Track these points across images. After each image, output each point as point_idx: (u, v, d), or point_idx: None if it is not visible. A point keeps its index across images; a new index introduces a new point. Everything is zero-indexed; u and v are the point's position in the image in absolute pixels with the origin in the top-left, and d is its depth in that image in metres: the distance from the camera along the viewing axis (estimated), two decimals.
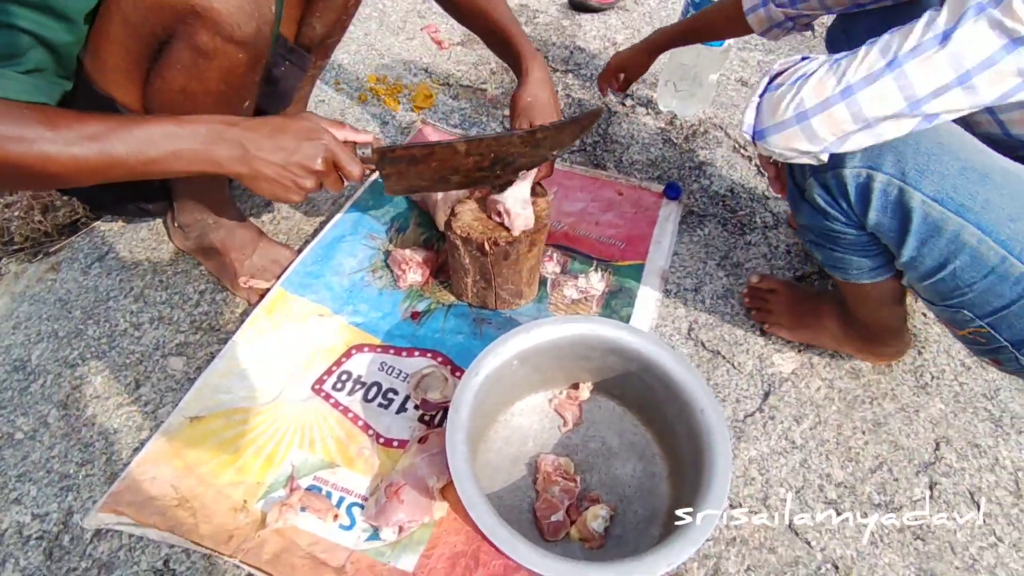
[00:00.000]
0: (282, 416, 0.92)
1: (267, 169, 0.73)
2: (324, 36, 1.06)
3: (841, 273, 0.86)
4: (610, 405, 0.92)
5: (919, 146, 0.68)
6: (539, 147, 0.89)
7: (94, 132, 0.65)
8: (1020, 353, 0.76)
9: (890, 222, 0.73)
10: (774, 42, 1.81)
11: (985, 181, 0.68)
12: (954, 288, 0.74)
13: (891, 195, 0.70)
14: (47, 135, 0.62)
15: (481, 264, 0.96)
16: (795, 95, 0.67)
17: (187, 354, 1.00)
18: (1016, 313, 0.72)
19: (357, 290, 1.08)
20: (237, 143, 0.71)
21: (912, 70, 0.60)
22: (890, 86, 0.61)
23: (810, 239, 0.85)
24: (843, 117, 0.64)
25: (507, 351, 0.80)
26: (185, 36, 0.72)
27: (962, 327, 0.79)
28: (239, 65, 0.77)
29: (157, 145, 0.67)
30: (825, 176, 0.73)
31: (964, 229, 0.69)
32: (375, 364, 0.98)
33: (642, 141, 1.47)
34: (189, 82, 0.75)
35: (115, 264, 1.13)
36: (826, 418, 0.99)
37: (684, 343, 1.07)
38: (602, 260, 1.16)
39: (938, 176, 0.68)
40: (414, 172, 0.88)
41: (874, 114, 0.63)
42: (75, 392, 0.95)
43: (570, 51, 1.79)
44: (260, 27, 0.75)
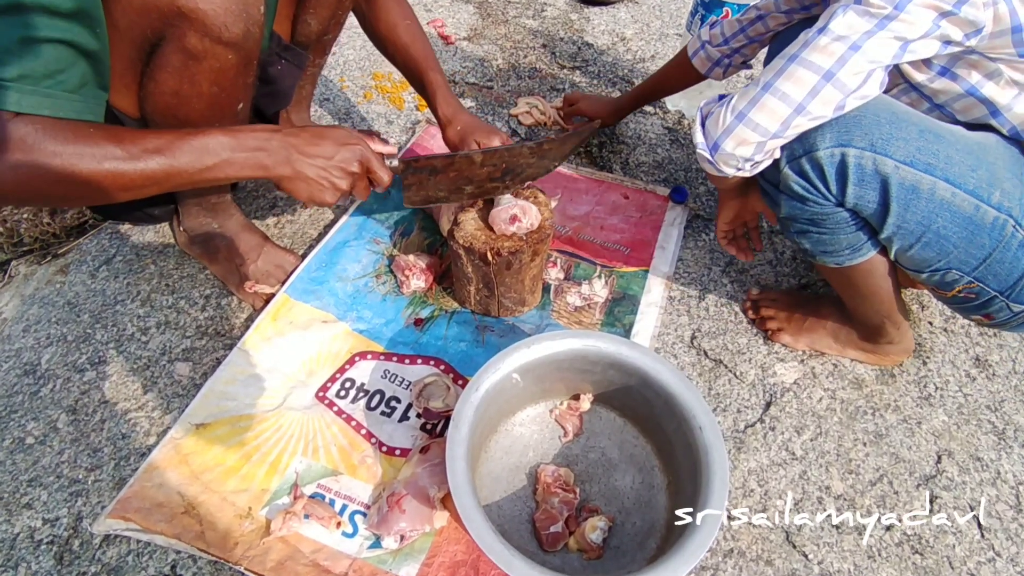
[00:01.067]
0: (286, 423, 0.93)
1: (309, 171, 0.79)
2: (320, 33, 1.06)
3: (832, 257, 0.88)
4: (611, 416, 0.92)
5: (878, 117, 0.75)
6: (545, 158, 0.93)
7: (156, 146, 0.71)
8: (1010, 300, 0.82)
9: (870, 193, 0.77)
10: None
11: (941, 140, 0.75)
12: (939, 248, 0.78)
13: (866, 167, 0.75)
14: (115, 151, 0.68)
15: (484, 273, 0.97)
16: (728, 106, 0.78)
17: (193, 359, 1.02)
18: (998, 259, 0.78)
19: (361, 296, 1.09)
20: (281, 148, 0.78)
21: (811, 56, 0.72)
22: (799, 71, 0.72)
23: (795, 229, 0.87)
24: (774, 104, 0.74)
25: (507, 366, 0.80)
26: (174, 39, 0.72)
27: (951, 288, 0.84)
28: (230, 67, 0.77)
29: (212, 153, 0.73)
30: (800, 162, 0.78)
31: (937, 185, 0.75)
32: (378, 372, 0.99)
33: (649, 142, 1.45)
34: (181, 84, 0.76)
35: (123, 267, 1.14)
36: (827, 429, 0.99)
37: (687, 352, 1.07)
38: (606, 266, 1.16)
39: (903, 141, 0.74)
40: (433, 183, 0.92)
41: (799, 95, 0.72)
42: (84, 397, 0.96)
43: (578, 47, 1.77)
44: (249, 28, 0.75)
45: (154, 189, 0.73)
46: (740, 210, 1.00)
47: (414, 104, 1.53)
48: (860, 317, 1.00)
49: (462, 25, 1.83)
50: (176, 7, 0.69)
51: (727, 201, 1.00)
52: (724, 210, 1.01)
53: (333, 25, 1.07)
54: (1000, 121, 0.78)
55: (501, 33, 1.81)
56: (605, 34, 1.84)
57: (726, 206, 1.01)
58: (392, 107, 1.52)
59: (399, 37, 1.07)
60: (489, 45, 1.75)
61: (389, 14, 1.08)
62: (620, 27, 1.87)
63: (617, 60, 1.73)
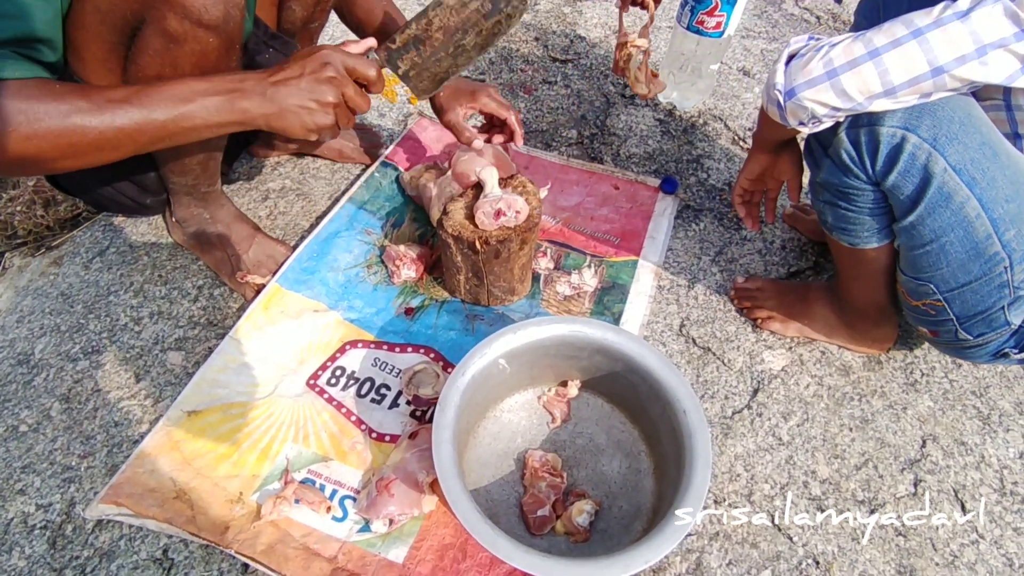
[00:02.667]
0: (277, 411, 0.94)
1: (288, 98, 0.73)
2: (305, 20, 1.06)
3: (848, 237, 0.88)
4: (598, 402, 0.93)
5: (953, 114, 0.72)
6: None
7: (123, 96, 0.67)
8: (961, 327, 0.84)
9: (909, 185, 0.75)
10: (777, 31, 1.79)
11: (996, 159, 0.73)
12: (936, 262, 0.79)
13: (919, 159, 0.73)
14: (81, 104, 0.65)
15: (473, 262, 0.97)
16: (824, 55, 0.71)
17: (186, 349, 1.03)
18: (973, 290, 0.79)
19: (352, 286, 1.10)
20: (255, 86, 0.73)
21: (934, 38, 0.66)
22: (915, 50, 0.67)
23: (825, 199, 0.87)
24: (871, 76, 0.69)
25: (494, 351, 0.81)
26: (154, 21, 0.72)
27: (919, 298, 0.85)
28: (211, 50, 0.77)
29: (185, 100, 0.69)
30: (859, 132, 0.76)
31: (968, 203, 0.73)
32: (368, 360, 1.00)
33: (640, 133, 1.46)
34: (163, 68, 0.76)
35: (116, 259, 1.15)
36: (814, 415, 1.00)
37: (675, 339, 1.08)
38: (596, 256, 1.17)
39: (963, 146, 0.72)
40: (430, 56, 0.83)
41: (899, 78, 0.68)
42: (77, 386, 0.97)
43: (570, 40, 1.77)
44: (229, 11, 0.75)
45: (128, 146, 0.69)
46: (767, 169, 0.96)
47: (406, 97, 1.54)
48: (852, 299, 1.01)
49: None
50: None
51: (757, 155, 0.96)
52: (751, 164, 0.97)
53: (319, 12, 1.07)
54: None
55: None
56: (598, 27, 1.84)
57: (755, 160, 0.96)
58: (384, 100, 1.52)
59: (375, 20, 1.06)
60: None
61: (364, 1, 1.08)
62: (613, 20, 1.88)
63: (609, 53, 1.73)
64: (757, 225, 1.06)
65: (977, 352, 0.89)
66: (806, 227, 1.25)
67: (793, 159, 0.94)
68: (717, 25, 1.35)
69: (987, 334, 0.85)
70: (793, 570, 0.84)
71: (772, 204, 1.02)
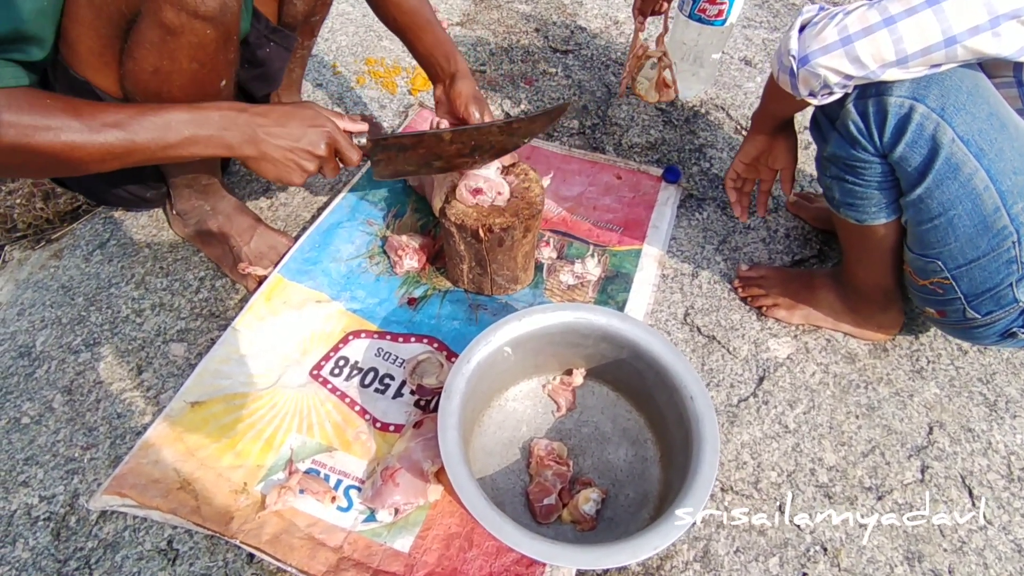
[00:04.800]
0: (281, 401, 0.94)
1: (274, 152, 0.79)
2: (306, 14, 1.05)
3: (856, 213, 0.87)
4: (603, 390, 0.93)
5: (961, 84, 0.71)
6: (514, 136, 0.93)
7: (116, 119, 0.70)
8: (969, 305, 0.83)
9: (916, 156, 0.75)
10: (779, 21, 1.78)
11: (1004, 130, 0.72)
12: (944, 236, 0.79)
13: (927, 129, 0.73)
14: (73, 124, 0.67)
15: (476, 251, 0.97)
16: (839, 23, 0.70)
17: (188, 340, 1.02)
18: (982, 266, 0.78)
19: (354, 276, 1.09)
20: (247, 127, 0.77)
21: (949, 7, 0.65)
22: (929, 19, 0.66)
23: (832, 173, 0.86)
24: (885, 44, 0.68)
25: (498, 339, 0.81)
26: (150, 13, 0.72)
27: (927, 276, 0.84)
28: (208, 42, 0.76)
29: (174, 130, 0.73)
30: (866, 103, 0.75)
31: (976, 174, 0.73)
32: (372, 350, 1.00)
33: (642, 123, 1.45)
34: (160, 61, 0.75)
35: (116, 251, 1.14)
36: (820, 403, 0.99)
37: (680, 328, 1.07)
38: (599, 245, 1.16)
39: (970, 116, 0.71)
40: (402, 159, 0.93)
41: (913, 47, 0.67)
42: (79, 378, 0.97)
43: (571, 30, 1.77)
44: (225, 2, 0.74)
45: (115, 163, 0.72)
46: (763, 152, 0.95)
47: (406, 88, 1.53)
48: (858, 283, 1.00)
49: (455, 11, 1.82)
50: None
51: (755, 136, 0.95)
52: (747, 145, 0.96)
53: (320, 6, 1.07)
54: None
55: (494, 18, 1.80)
56: (598, 18, 1.84)
57: (752, 141, 0.95)
58: (385, 91, 1.52)
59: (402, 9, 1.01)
60: (482, 30, 1.75)
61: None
62: (613, 11, 1.87)
63: (610, 43, 1.72)
64: (746, 215, 1.05)
65: (985, 332, 0.88)
66: (810, 215, 1.24)
67: (789, 146, 0.94)
68: (719, 13, 1.34)
69: (995, 312, 0.84)
70: (800, 557, 0.84)
71: (765, 196, 1.02)
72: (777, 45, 0.79)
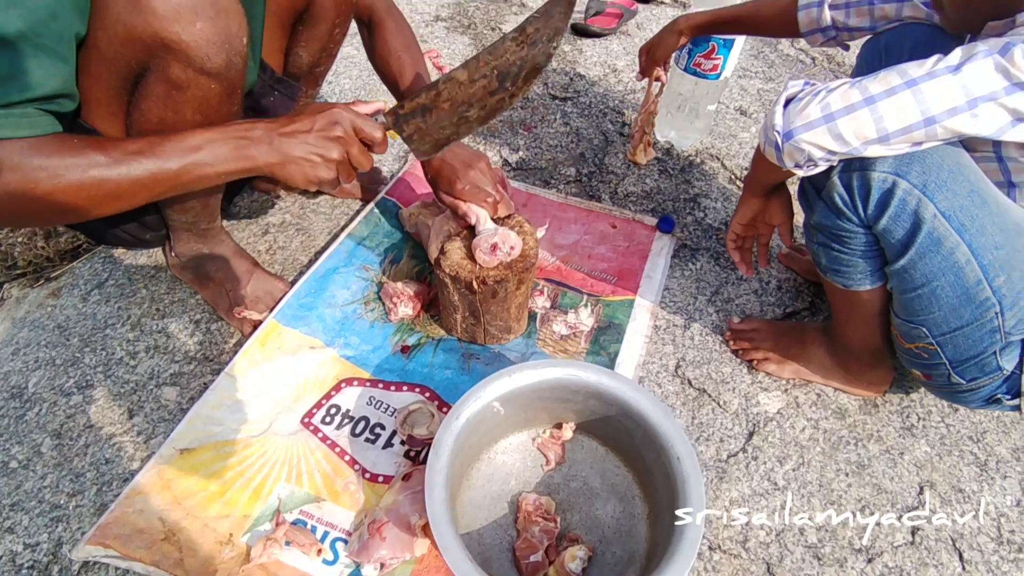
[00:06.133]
0: (271, 449, 0.94)
1: (295, 150, 0.76)
2: (312, 65, 1.09)
3: (842, 279, 0.89)
4: (593, 445, 0.93)
5: (943, 162, 0.74)
6: (536, 43, 0.83)
7: (138, 148, 0.70)
8: (954, 371, 0.84)
9: (900, 229, 0.77)
10: (774, 71, 1.82)
11: (984, 207, 0.74)
12: (928, 305, 0.80)
13: (909, 204, 0.75)
14: (99, 158, 0.68)
15: (470, 301, 0.98)
16: (822, 100, 0.72)
17: (180, 384, 1.02)
18: (966, 334, 0.80)
19: (349, 323, 1.10)
20: (263, 136, 0.75)
21: (928, 89, 0.67)
22: (908, 99, 0.68)
23: (819, 241, 0.88)
24: (866, 122, 0.70)
25: (488, 394, 0.81)
26: (158, 69, 0.74)
27: (912, 341, 0.86)
28: (213, 96, 0.79)
29: (195, 149, 0.72)
30: (851, 176, 0.77)
31: (958, 248, 0.75)
32: (364, 398, 1.00)
33: (637, 172, 1.48)
34: (166, 113, 0.77)
35: (114, 291, 1.15)
36: (809, 459, 0.99)
37: (671, 381, 1.08)
38: (593, 295, 1.17)
39: (952, 193, 0.74)
40: (434, 123, 0.85)
41: (893, 126, 0.69)
42: (69, 421, 0.97)
43: (570, 78, 1.81)
44: (231, 59, 0.77)
45: (143, 195, 0.72)
46: (759, 213, 0.97)
47: None
48: (847, 341, 1.01)
49: (457, 56, 1.87)
50: (160, 39, 0.70)
51: (749, 199, 0.96)
52: (743, 208, 0.98)
53: (324, 58, 1.10)
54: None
55: None
56: (597, 65, 1.88)
57: (747, 204, 0.97)
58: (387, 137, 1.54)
59: (392, 64, 1.09)
60: None
61: (384, 45, 1.10)
62: (612, 59, 1.92)
63: (608, 91, 1.76)
64: (751, 270, 1.06)
65: (970, 397, 0.89)
66: (802, 267, 1.26)
67: (783, 203, 0.95)
68: (714, 67, 1.38)
69: (980, 379, 0.85)
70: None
71: (764, 249, 1.03)
72: (764, 118, 0.81)
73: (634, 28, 2.10)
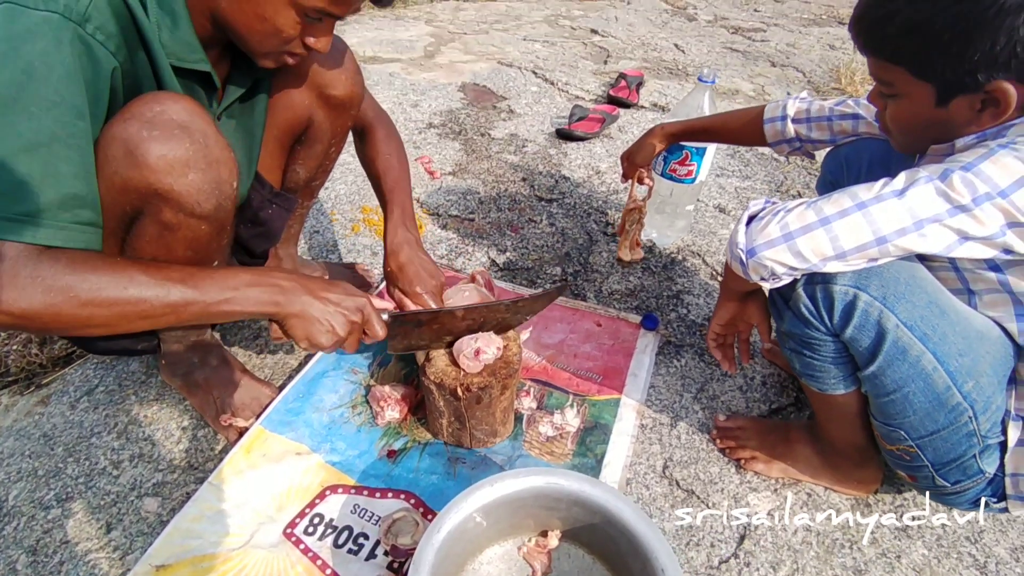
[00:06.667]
0: (251, 563, 0.91)
1: (315, 311, 0.83)
2: (308, 180, 1.15)
3: (816, 383, 0.91)
4: (579, 554, 0.91)
5: (899, 276, 0.78)
6: (519, 313, 1.00)
7: (180, 276, 0.75)
8: (937, 474, 0.85)
9: (865, 339, 0.80)
10: (750, 170, 1.92)
11: (944, 316, 0.77)
12: (902, 410, 0.82)
13: (871, 315, 0.78)
14: (140, 278, 0.72)
15: (455, 407, 0.99)
16: (781, 220, 0.76)
17: (163, 494, 1.01)
18: (943, 438, 0.82)
19: (336, 427, 1.10)
20: (297, 288, 0.82)
21: (876, 212, 0.72)
22: (860, 220, 0.72)
23: (791, 347, 0.91)
24: (823, 241, 0.74)
25: (469, 506, 0.81)
26: (151, 213, 0.79)
27: (894, 443, 0.87)
28: (203, 235, 0.83)
29: (231, 288, 0.77)
30: (815, 288, 0.81)
31: (924, 356, 0.77)
32: (348, 506, 0.98)
33: (621, 270, 1.53)
34: (158, 251, 0.82)
35: (103, 398, 1.16)
36: (804, 565, 0.97)
37: (659, 482, 1.07)
38: (579, 395, 1.18)
39: (911, 304, 0.77)
40: (416, 334, 0.97)
41: (848, 244, 0.73)
42: (46, 536, 0.95)
43: (555, 180, 1.90)
44: (220, 202, 0.82)
45: (171, 318, 0.75)
46: (736, 315, 1.00)
47: None
48: (832, 440, 1.01)
49: (448, 161, 1.97)
50: (153, 189, 0.76)
51: (726, 303, 1.00)
52: (721, 311, 1.01)
53: (320, 173, 1.16)
54: (1021, 327, 0.79)
55: (484, 168, 1.94)
56: (581, 167, 1.98)
57: (724, 308, 1.00)
58: (377, 239, 1.60)
59: (376, 169, 1.16)
60: (472, 179, 1.88)
61: (373, 148, 1.18)
62: (595, 161, 2.02)
63: (592, 192, 1.85)
64: (734, 367, 1.08)
65: (958, 499, 0.88)
66: (785, 363, 1.27)
67: (760, 305, 0.98)
68: (688, 173, 1.46)
69: (963, 481, 0.85)
70: None
71: (745, 346, 1.06)
72: (730, 234, 0.86)
73: (616, 131, 2.22)
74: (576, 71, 2.75)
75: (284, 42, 0.82)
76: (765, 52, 3.18)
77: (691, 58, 3.02)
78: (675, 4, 4.00)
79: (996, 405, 0.81)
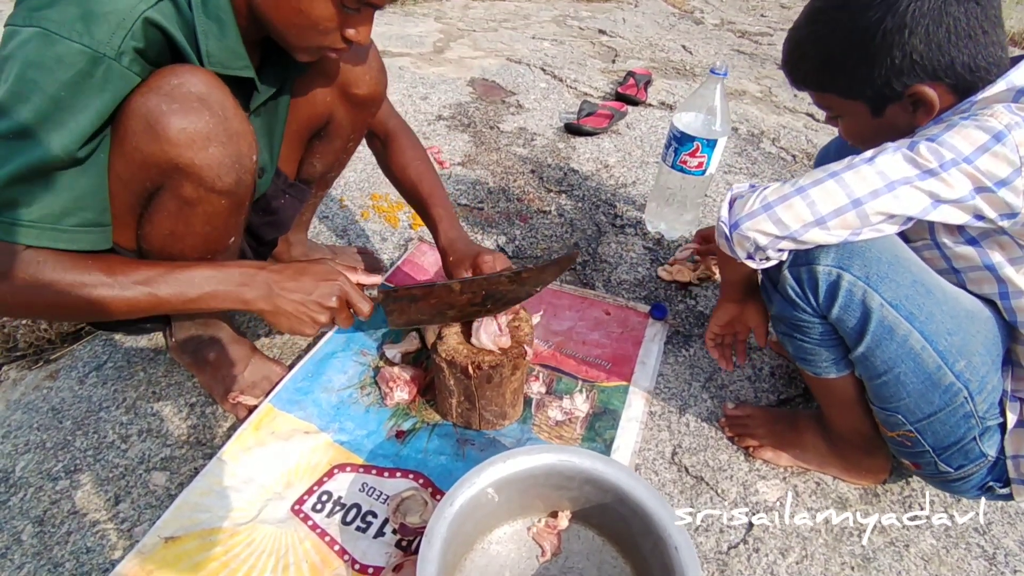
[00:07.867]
0: (259, 537, 0.91)
1: (288, 306, 0.85)
2: (324, 172, 1.15)
3: (810, 367, 0.92)
4: (589, 535, 0.91)
5: (881, 255, 0.79)
6: (524, 285, 0.97)
7: (144, 277, 0.77)
8: (939, 459, 0.85)
9: (851, 319, 0.81)
10: (757, 168, 1.92)
11: (930, 296, 0.78)
12: (895, 391, 0.83)
13: (856, 295, 0.79)
14: (106, 281, 0.75)
15: (465, 386, 0.99)
16: (759, 194, 0.80)
17: (171, 469, 1.01)
18: (941, 420, 0.82)
19: (345, 407, 1.10)
20: (264, 284, 0.84)
21: (848, 177, 0.75)
22: (833, 187, 0.75)
23: (782, 331, 0.92)
24: (800, 207, 0.76)
25: (482, 480, 0.80)
26: (171, 188, 0.78)
27: (893, 429, 0.87)
28: (222, 210, 0.83)
29: (197, 287, 0.80)
30: (799, 270, 0.82)
31: (911, 335, 0.78)
32: (356, 484, 0.98)
33: (630, 261, 1.53)
34: (176, 226, 0.82)
35: (112, 373, 1.16)
36: (813, 552, 0.96)
37: (668, 468, 1.07)
38: (588, 381, 1.18)
39: (895, 284, 0.78)
40: (415, 309, 0.97)
41: (825, 208, 0.75)
42: (53, 507, 0.95)
43: (564, 172, 1.90)
44: (240, 176, 0.82)
45: (140, 315, 0.79)
46: (735, 317, 1.02)
47: (407, 223, 1.62)
48: (837, 428, 1.01)
49: (457, 152, 1.97)
50: (174, 163, 0.75)
51: (725, 304, 1.02)
52: (720, 312, 1.03)
53: (337, 166, 1.16)
54: (1006, 305, 0.81)
55: (493, 160, 1.94)
56: (590, 161, 1.98)
57: (723, 309, 1.02)
58: (387, 225, 1.60)
59: (409, 176, 1.17)
60: (481, 170, 1.88)
61: (402, 155, 1.18)
62: (604, 155, 2.02)
63: (601, 185, 1.85)
64: (731, 365, 1.09)
65: (962, 486, 0.88)
66: None
67: (758, 308, 1.00)
68: (699, 165, 1.46)
69: (967, 466, 0.85)
70: None
71: (742, 346, 1.08)
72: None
73: (624, 128, 2.23)
74: (584, 69, 2.75)
75: (322, 34, 0.81)
76: (772, 55, 3.19)
77: (699, 59, 3.02)
78: (682, 8, 4.01)
79: (992, 385, 0.81)
